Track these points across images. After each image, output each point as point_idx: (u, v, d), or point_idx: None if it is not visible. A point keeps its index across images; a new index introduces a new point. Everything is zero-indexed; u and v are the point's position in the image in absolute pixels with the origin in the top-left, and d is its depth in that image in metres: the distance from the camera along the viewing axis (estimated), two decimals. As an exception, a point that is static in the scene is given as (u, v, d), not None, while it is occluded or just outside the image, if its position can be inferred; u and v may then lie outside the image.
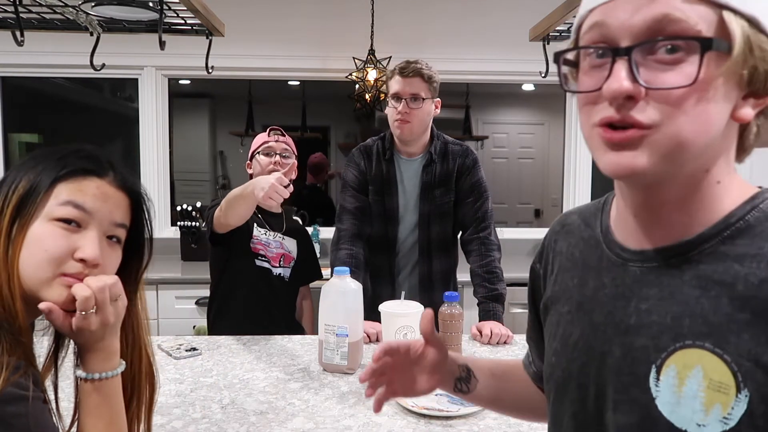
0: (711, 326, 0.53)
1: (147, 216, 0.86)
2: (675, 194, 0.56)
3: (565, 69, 0.60)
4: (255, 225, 1.96)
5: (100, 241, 0.78)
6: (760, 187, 0.59)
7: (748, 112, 0.54)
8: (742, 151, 0.58)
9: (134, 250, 0.86)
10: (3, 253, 0.73)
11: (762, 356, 0.50)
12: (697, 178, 0.55)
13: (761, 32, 0.52)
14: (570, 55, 0.59)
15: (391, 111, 1.88)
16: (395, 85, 1.87)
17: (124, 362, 0.83)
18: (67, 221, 0.76)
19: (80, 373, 0.80)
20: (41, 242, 0.74)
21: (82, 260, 0.76)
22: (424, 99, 1.85)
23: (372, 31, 3.12)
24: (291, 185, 1.61)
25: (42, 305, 0.75)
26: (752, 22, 0.51)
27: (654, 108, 0.51)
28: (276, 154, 1.95)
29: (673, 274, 0.57)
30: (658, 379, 0.55)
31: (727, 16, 0.51)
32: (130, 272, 0.86)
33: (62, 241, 0.75)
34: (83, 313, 0.75)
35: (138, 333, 0.87)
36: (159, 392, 0.90)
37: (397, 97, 1.86)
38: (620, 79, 0.51)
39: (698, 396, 0.52)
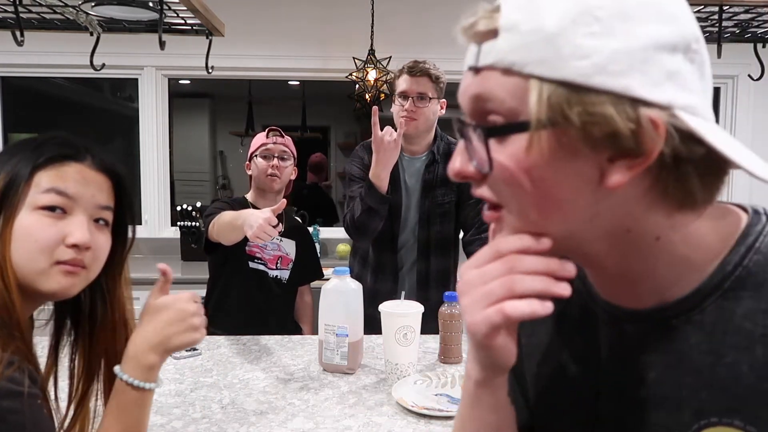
0: (736, 400, 0.46)
1: (127, 197, 0.86)
2: (610, 254, 0.50)
3: None
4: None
5: (88, 224, 0.78)
6: (746, 209, 0.52)
7: (616, 178, 0.45)
8: (685, 206, 0.48)
9: (120, 232, 0.87)
10: None
11: None
12: (620, 238, 0.49)
13: (590, 91, 0.43)
14: None
15: (397, 108, 1.90)
16: (403, 83, 1.89)
17: (162, 383, 0.86)
18: (51, 208, 0.75)
19: (116, 369, 0.81)
20: (30, 233, 0.74)
21: (74, 245, 0.76)
22: (430, 98, 1.87)
23: (372, 31, 3.12)
24: (280, 225, 1.62)
25: (159, 266, 0.84)
26: (568, 85, 0.44)
27: (491, 189, 0.50)
28: (274, 156, 1.94)
29: (675, 337, 0.50)
30: None
31: (533, 84, 0.45)
32: (115, 254, 0.86)
33: (51, 229, 0.75)
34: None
35: (122, 314, 0.88)
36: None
37: (404, 95, 1.88)
38: (455, 160, 0.52)
39: None
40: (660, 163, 0.45)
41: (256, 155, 1.97)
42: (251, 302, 1.94)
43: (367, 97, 3.11)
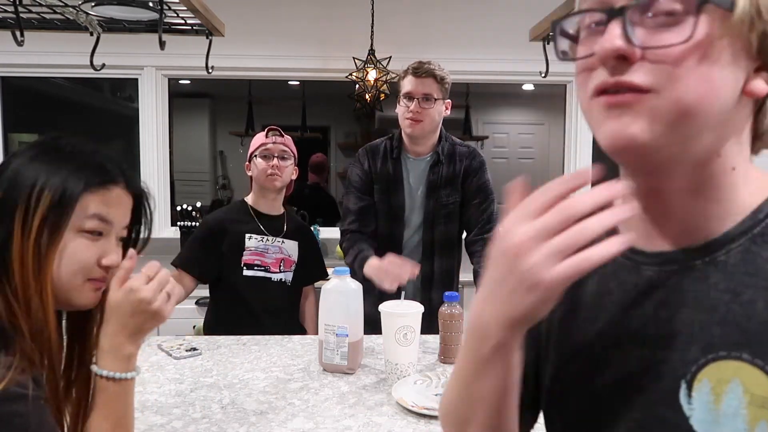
0: (747, 334, 0.47)
1: (149, 216, 0.90)
2: (685, 180, 0.50)
3: (564, 45, 0.54)
4: (249, 235, 1.95)
5: (117, 245, 0.84)
6: None
7: (760, 86, 0.48)
8: (756, 139, 0.52)
9: (129, 245, 0.90)
10: (34, 264, 0.74)
11: None
12: (707, 162, 0.49)
13: None
14: (570, 28, 0.53)
15: (402, 109, 1.90)
16: (408, 84, 1.88)
17: (141, 369, 0.88)
18: (93, 232, 0.80)
19: (93, 367, 0.83)
20: (75, 255, 0.78)
21: (107, 266, 0.82)
22: (435, 99, 1.87)
23: (372, 31, 3.12)
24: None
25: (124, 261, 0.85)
26: None
27: (651, 70, 0.46)
28: (274, 156, 1.93)
29: (696, 277, 0.51)
30: (690, 396, 0.49)
31: None
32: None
33: (92, 251, 0.80)
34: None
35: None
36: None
37: (410, 96, 1.88)
38: (612, 37, 0.46)
39: (740, 414, 0.47)
40: None
41: (255, 155, 1.96)
42: (254, 312, 1.93)
43: (367, 97, 3.11)
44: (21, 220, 0.74)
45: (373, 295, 1.70)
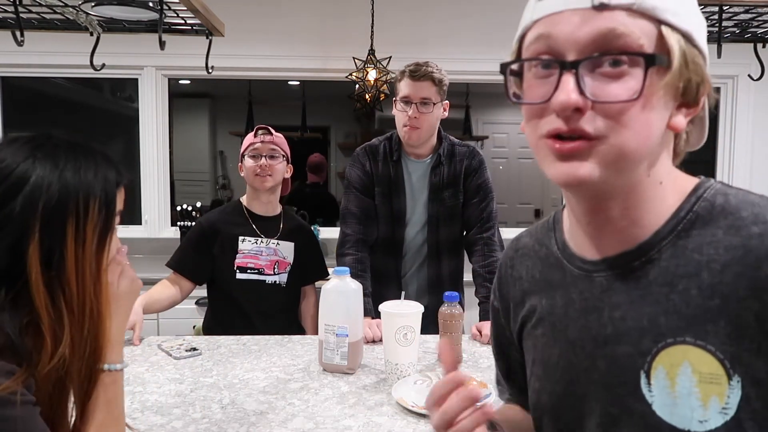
0: (687, 319, 0.53)
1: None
2: (622, 199, 0.58)
3: (513, 86, 0.60)
4: (243, 237, 1.94)
5: None
6: (699, 177, 0.62)
7: (681, 120, 0.56)
8: (675, 156, 0.61)
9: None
10: (91, 271, 0.75)
11: (741, 339, 0.50)
12: (640, 183, 0.57)
13: (694, 47, 0.55)
14: (515, 66, 0.59)
15: (400, 115, 1.84)
16: (405, 88, 1.82)
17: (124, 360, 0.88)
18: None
19: (106, 365, 0.83)
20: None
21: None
22: (434, 103, 1.82)
23: (372, 31, 3.12)
24: None
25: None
26: (687, 37, 0.54)
27: (600, 120, 0.53)
28: (262, 156, 1.91)
29: (638, 276, 0.58)
30: (649, 384, 0.55)
31: (666, 31, 0.53)
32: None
33: (114, 245, 0.82)
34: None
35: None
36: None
37: (407, 101, 1.82)
38: (569, 91, 0.52)
39: (693, 392, 0.52)
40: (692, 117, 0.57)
41: (245, 156, 1.94)
42: (247, 315, 1.93)
43: (367, 97, 3.11)
44: (73, 230, 0.73)
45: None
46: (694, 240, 0.55)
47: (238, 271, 1.93)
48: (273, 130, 1.96)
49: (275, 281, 1.96)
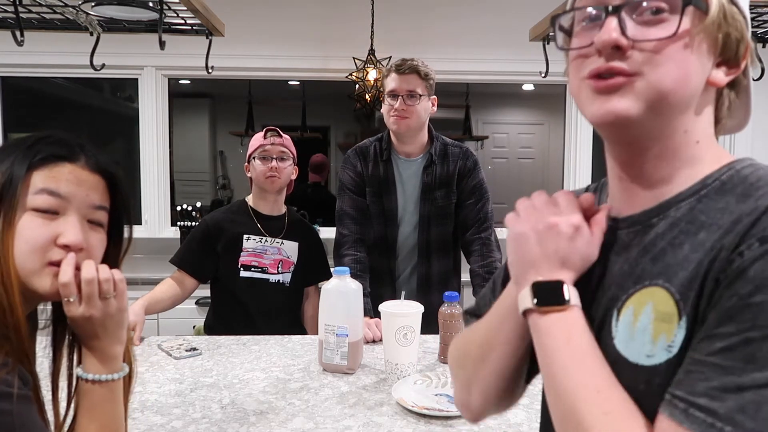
0: (666, 266, 0.56)
1: (122, 197, 0.85)
2: (657, 150, 0.60)
3: (560, 38, 0.65)
4: (247, 236, 1.95)
5: (81, 225, 0.77)
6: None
7: (720, 76, 0.59)
8: (717, 122, 0.62)
9: (118, 234, 0.85)
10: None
11: (695, 280, 0.53)
12: (675, 134, 0.59)
13: (734, 5, 0.58)
14: (565, 22, 0.63)
15: (388, 108, 1.87)
16: (391, 82, 1.86)
17: (126, 367, 0.84)
18: (43, 210, 0.75)
19: (78, 371, 0.80)
20: (22, 234, 0.74)
21: (65, 246, 0.75)
22: (420, 96, 1.84)
23: (372, 31, 3.12)
24: None
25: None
26: None
27: (638, 58, 0.56)
28: (272, 158, 1.92)
29: (650, 232, 0.60)
30: (617, 320, 0.58)
31: None
32: (110, 255, 0.85)
33: (42, 229, 0.75)
34: (66, 299, 0.75)
35: None
36: (134, 384, 0.88)
37: (394, 94, 1.85)
38: (610, 30, 0.56)
39: (647, 329, 0.55)
40: (734, 80, 0.60)
41: (254, 157, 1.95)
42: (249, 313, 1.93)
43: (367, 97, 3.11)
44: None
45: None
46: (707, 203, 0.57)
47: (242, 269, 1.93)
48: (281, 132, 1.97)
49: (279, 280, 1.97)
